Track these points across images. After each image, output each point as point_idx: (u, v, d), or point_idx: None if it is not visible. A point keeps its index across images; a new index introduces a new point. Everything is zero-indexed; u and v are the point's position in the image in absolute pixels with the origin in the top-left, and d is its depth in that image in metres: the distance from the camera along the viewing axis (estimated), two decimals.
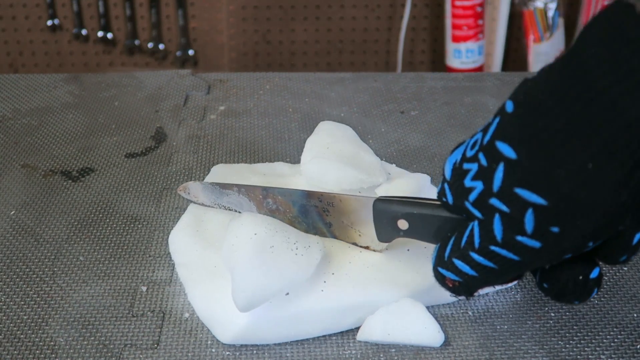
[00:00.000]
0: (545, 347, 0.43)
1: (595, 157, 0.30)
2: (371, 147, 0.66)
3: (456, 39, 1.38)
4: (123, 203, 0.57)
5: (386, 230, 0.45)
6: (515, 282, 0.48)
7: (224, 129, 0.70)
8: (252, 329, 0.43)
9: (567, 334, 0.44)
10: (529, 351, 0.43)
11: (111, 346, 0.43)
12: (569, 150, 0.31)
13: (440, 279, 0.40)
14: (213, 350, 0.43)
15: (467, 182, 0.37)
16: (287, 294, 0.43)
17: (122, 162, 0.64)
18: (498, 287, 0.47)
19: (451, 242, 0.39)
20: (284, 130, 0.70)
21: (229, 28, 1.45)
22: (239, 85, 0.79)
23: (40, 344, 0.43)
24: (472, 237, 0.37)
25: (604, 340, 0.44)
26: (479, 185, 0.36)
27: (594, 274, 0.37)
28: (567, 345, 0.44)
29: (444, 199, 0.40)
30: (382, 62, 1.51)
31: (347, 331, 0.45)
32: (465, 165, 0.37)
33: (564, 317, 0.46)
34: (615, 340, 0.44)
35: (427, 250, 0.47)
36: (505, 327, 0.45)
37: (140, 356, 0.42)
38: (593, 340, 0.44)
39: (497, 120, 0.35)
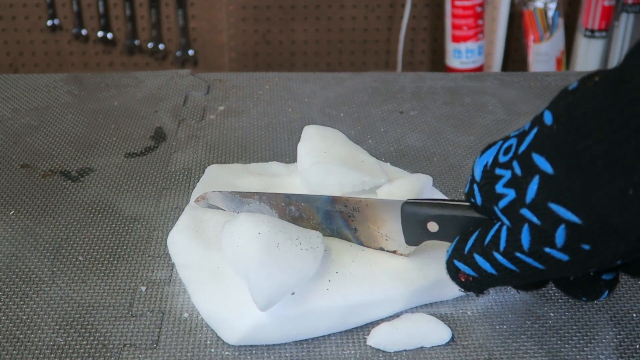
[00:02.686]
0: (544, 347, 0.43)
1: (637, 185, 0.30)
2: (371, 147, 0.66)
3: (456, 39, 1.38)
4: (122, 203, 0.57)
5: (415, 233, 0.44)
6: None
7: (224, 129, 0.70)
8: (259, 329, 0.43)
9: (567, 334, 0.44)
10: (529, 351, 0.43)
11: (110, 346, 0.43)
12: (610, 174, 0.31)
13: (454, 271, 0.40)
14: (212, 350, 0.43)
15: (499, 188, 0.37)
16: (293, 293, 0.43)
17: (121, 162, 0.64)
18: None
19: (474, 237, 0.39)
20: (284, 130, 0.70)
21: (229, 28, 1.45)
22: (238, 86, 0.79)
23: (40, 344, 0.43)
24: (498, 238, 0.37)
25: (604, 340, 0.44)
26: (510, 193, 0.36)
27: (607, 276, 0.38)
28: (567, 345, 0.43)
29: (472, 200, 0.39)
30: (382, 62, 1.51)
31: (346, 331, 0.45)
32: (498, 171, 0.37)
33: (563, 317, 0.46)
34: (615, 340, 0.44)
35: (429, 249, 0.47)
36: (505, 327, 0.45)
37: (140, 356, 0.42)
38: (593, 340, 0.44)
39: (534, 130, 0.35)
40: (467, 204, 0.41)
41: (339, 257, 0.46)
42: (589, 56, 1.44)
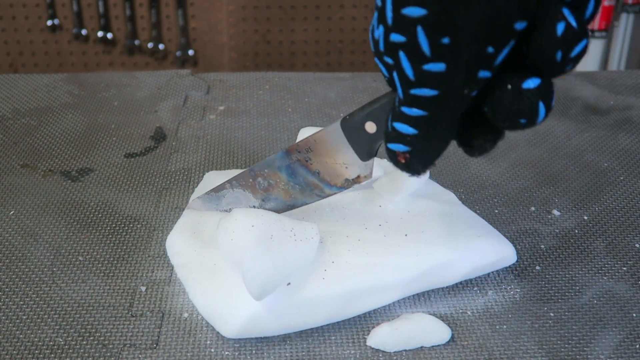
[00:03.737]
0: (544, 347, 0.43)
1: None
2: None
3: None
4: (122, 203, 0.57)
5: (361, 144, 0.45)
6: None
7: (224, 129, 0.70)
8: (256, 321, 0.43)
9: (567, 334, 0.44)
10: (529, 351, 0.43)
11: (110, 346, 0.43)
12: None
13: (393, 156, 0.40)
14: (212, 350, 0.43)
15: (376, 34, 0.37)
16: (289, 284, 0.43)
17: (121, 162, 0.64)
18: (480, 272, 0.48)
19: (390, 112, 0.39)
20: (284, 130, 0.70)
21: (229, 28, 1.45)
22: (238, 85, 0.79)
23: (40, 344, 0.43)
24: (398, 91, 0.37)
25: (604, 340, 0.44)
26: (381, 29, 0.36)
27: (528, 84, 0.35)
28: (567, 345, 0.43)
29: (386, 77, 0.40)
30: None
31: (346, 330, 0.45)
32: (373, 22, 0.38)
33: (563, 317, 0.46)
34: (615, 340, 0.44)
35: (425, 235, 0.47)
36: (505, 327, 0.45)
37: (140, 356, 0.42)
38: (593, 340, 0.44)
39: None
40: (390, 91, 0.41)
41: (335, 247, 0.46)
42: (589, 56, 1.44)
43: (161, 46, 1.46)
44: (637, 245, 0.53)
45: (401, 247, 0.47)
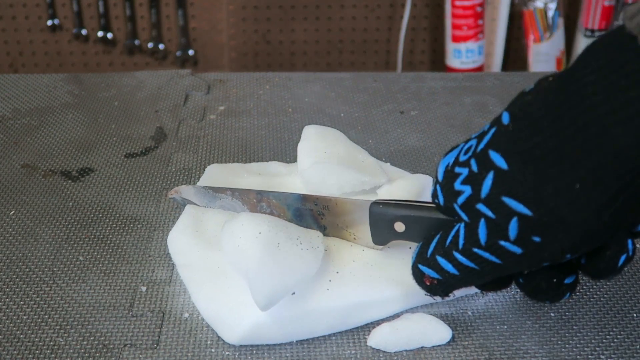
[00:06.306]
0: (545, 347, 0.43)
1: (583, 179, 0.32)
2: (371, 147, 0.66)
3: (456, 39, 1.38)
4: (123, 203, 0.57)
5: (382, 233, 0.45)
6: (501, 290, 0.48)
7: (224, 129, 0.70)
8: (259, 329, 0.43)
9: (567, 334, 0.44)
10: (529, 351, 0.43)
11: (111, 346, 0.43)
12: (559, 169, 0.33)
13: (419, 276, 0.41)
14: (213, 350, 0.43)
15: (457, 186, 0.38)
16: (294, 293, 0.43)
17: (121, 162, 0.64)
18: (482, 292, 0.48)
19: (435, 240, 0.40)
20: (284, 130, 0.70)
21: (229, 28, 1.45)
22: (238, 85, 0.79)
23: (40, 344, 0.43)
24: (457, 237, 0.38)
25: (604, 340, 0.44)
26: (467, 190, 0.37)
27: (569, 279, 0.39)
28: (567, 345, 0.44)
29: (436, 200, 0.41)
30: (382, 62, 1.51)
31: (347, 332, 0.45)
32: (457, 169, 0.38)
33: (564, 317, 0.46)
34: (615, 340, 0.44)
35: None
36: (505, 327, 0.45)
37: (140, 356, 0.42)
38: (593, 340, 0.44)
39: (493, 130, 0.37)
40: (434, 205, 0.41)
41: (339, 257, 0.46)
42: None
43: (161, 46, 1.46)
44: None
45: (405, 260, 0.46)
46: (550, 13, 1.39)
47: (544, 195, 0.33)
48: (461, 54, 1.39)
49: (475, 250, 0.37)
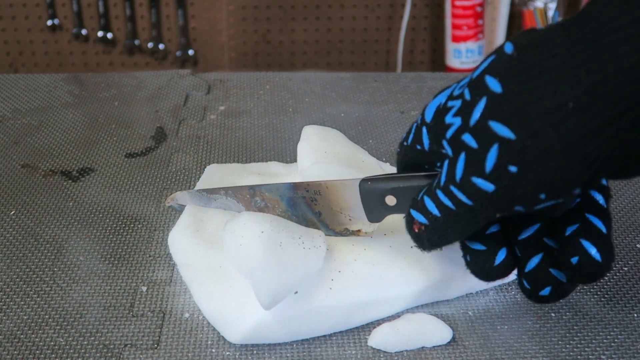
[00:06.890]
0: (545, 347, 0.43)
1: (578, 98, 0.31)
2: (371, 147, 0.66)
3: (456, 39, 1.38)
4: (123, 203, 0.57)
5: (375, 209, 0.45)
6: (504, 281, 0.48)
7: (224, 129, 0.70)
8: (262, 328, 0.43)
9: (567, 334, 0.44)
10: (529, 351, 0.43)
11: (111, 346, 0.43)
12: (555, 87, 0.31)
13: (409, 222, 0.41)
14: (213, 350, 0.43)
15: (448, 119, 0.37)
16: (296, 292, 0.43)
17: (122, 162, 0.64)
18: (486, 286, 0.47)
19: (427, 186, 0.40)
20: (284, 130, 0.70)
21: (229, 28, 1.45)
22: (239, 85, 0.79)
23: (40, 344, 0.43)
24: (440, 175, 0.38)
25: (604, 340, 0.44)
26: (457, 121, 0.36)
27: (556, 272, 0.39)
28: (567, 345, 0.43)
29: (419, 147, 0.40)
30: (382, 62, 1.51)
31: (347, 332, 0.45)
32: (450, 103, 0.37)
33: (564, 317, 0.46)
34: (616, 340, 0.44)
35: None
36: (505, 327, 0.45)
37: (141, 356, 0.42)
38: (593, 341, 0.44)
39: (491, 58, 0.35)
40: (423, 174, 0.41)
41: (341, 255, 0.46)
42: None
43: (161, 46, 1.46)
44: (637, 246, 0.53)
45: (407, 259, 0.46)
46: (550, 13, 1.39)
47: (532, 115, 0.32)
48: (461, 54, 1.39)
49: (451, 187, 0.36)
